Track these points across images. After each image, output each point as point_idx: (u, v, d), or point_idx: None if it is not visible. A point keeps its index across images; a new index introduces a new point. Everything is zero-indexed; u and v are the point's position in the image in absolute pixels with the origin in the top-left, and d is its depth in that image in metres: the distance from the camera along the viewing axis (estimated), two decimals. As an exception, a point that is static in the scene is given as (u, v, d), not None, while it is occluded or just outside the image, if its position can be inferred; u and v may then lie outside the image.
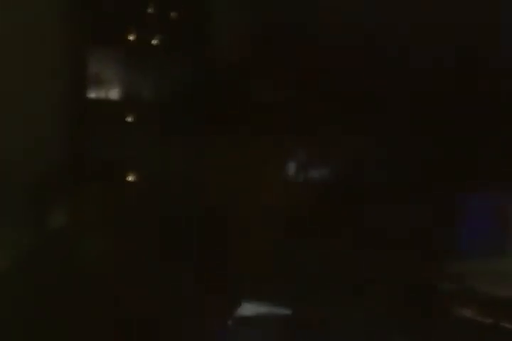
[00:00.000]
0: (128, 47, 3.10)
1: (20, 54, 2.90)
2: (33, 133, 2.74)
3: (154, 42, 3.14)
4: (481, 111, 2.51)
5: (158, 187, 1.12)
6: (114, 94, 3.00)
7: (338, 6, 2.48)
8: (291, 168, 1.22)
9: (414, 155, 2.53)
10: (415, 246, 2.31)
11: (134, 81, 2.99)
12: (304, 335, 1.83)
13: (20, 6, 2.94)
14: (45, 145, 2.73)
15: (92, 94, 2.99)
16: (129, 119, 2.86)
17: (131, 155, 1.42)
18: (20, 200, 2.24)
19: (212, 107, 1.12)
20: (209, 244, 1.14)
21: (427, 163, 2.53)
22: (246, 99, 1.13)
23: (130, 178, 1.15)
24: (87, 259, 1.03)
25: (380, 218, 2.43)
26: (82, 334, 0.98)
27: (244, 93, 1.13)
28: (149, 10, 3.15)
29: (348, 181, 2.42)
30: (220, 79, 1.12)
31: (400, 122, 2.54)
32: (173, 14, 3.08)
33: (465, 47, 2.56)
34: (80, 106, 2.91)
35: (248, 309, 1.84)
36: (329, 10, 2.45)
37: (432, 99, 2.55)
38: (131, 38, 3.07)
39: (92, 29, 3.07)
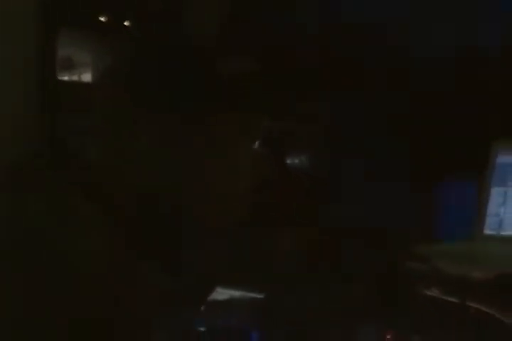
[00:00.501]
0: (100, 28, 3.08)
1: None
2: (4, 120, 2.72)
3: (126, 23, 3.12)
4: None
5: (131, 169, 1.11)
6: (87, 77, 2.98)
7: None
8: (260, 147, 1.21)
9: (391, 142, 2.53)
10: (385, 230, 2.32)
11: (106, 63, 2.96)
12: (278, 320, 1.85)
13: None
14: (18, 132, 2.71)
15: (65, 78, 2.97)
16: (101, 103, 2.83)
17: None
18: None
19: (183, 86, 1.10)
20: (177, 230, 1.14)
21: (402, 150, 2.53)
22: (213, 75, 1.12)
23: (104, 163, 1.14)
24: (64, 248, 1.03)
25: (351, 202, 2.44)
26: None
27: (212, 69, 1.12)
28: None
29: (322, 164, 2.42)
30: (191, 57, 1.11)
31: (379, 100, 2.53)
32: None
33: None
34: (53, 90, 2.89)
35: (222, 294, 1.85)
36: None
37: (405, 85, 2.55)
38: (102, 19, 3.05)
39: (63, 10, 3.04)
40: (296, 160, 2.39)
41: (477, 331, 1.86)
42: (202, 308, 1.82)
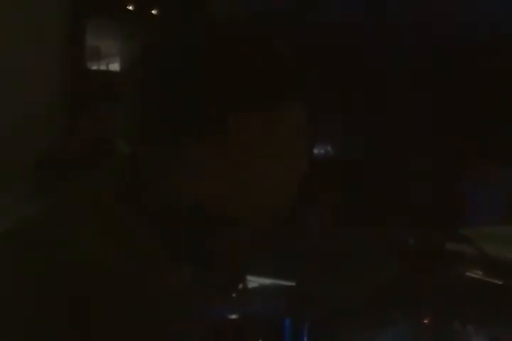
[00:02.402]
0: (128, 17, 3.06)
1: (20, 29, 2.87)
2: (33, 110, 2.72)
3: (154, 11, 3.09)
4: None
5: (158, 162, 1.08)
6: (114, 67, 2.97)
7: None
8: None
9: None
10: (427, 212, 2.30)
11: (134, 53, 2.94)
12: (306, 308, 1.82)
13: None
14: (46, 123, 2.71)
15: (93, 68, 2.96)
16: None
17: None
18: (20, 177, 2.22)
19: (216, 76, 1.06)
20: (206, 223, 1.11)
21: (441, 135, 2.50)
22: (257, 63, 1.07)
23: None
24: (79, 239, 1.01)
25: (387, 187, 2.41)
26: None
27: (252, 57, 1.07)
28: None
29: (347, 154, 2.40)
30: (221, 46, 1.07)
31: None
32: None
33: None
34: (81, 82, 2.88)
35: (252, 282, 1.83)
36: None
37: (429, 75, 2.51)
38: (130, 7, 3.03)
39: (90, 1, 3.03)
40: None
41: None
42: (234, 296, 1.80)
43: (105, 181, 1.06)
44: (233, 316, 1.84)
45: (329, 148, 2.35)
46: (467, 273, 1.99)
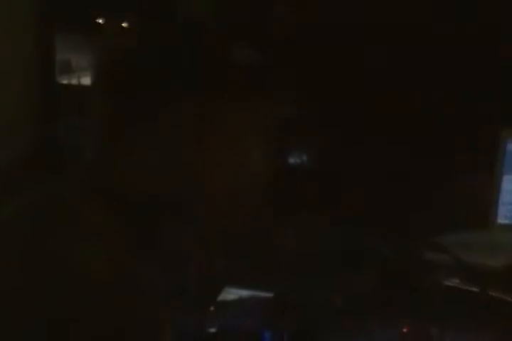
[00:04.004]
0: (97, 31, 3.04)
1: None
2: (2, 120, 2.70)
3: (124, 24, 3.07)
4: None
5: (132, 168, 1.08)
6: (85, 80, 2.95)
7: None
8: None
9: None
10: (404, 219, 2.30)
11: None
12: (287, 318, 1.81)
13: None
14: (15, 134, 2.69)
15: (63, 81, 2.94)
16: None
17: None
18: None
19: (189, 81, 1.07)
20: (186, 230, 1.10)
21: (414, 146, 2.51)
22: (223, 64, 1.08)
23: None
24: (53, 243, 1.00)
25: (365, 193, 2.41)
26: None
27: (221, 59, 1.08)
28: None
29: (322, 161, 2.40)
30: (193, 56, 1.08)
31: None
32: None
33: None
34: (51, 93, 2.86)
35: (230, 294, 1.82)
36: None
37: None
38: (100, 21, 3.01)
39: (60, 14, 3.01)
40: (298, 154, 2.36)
41: (497, 320, 1.83)
42: (212, 309, 1.78)
43: (71, 181, 1.06)
44: (211, 329, 1.83)
45: (303, 156, 2.35)
46: (444, 282, 2.00)
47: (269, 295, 1.89)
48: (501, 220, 2.35)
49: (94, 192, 1.06)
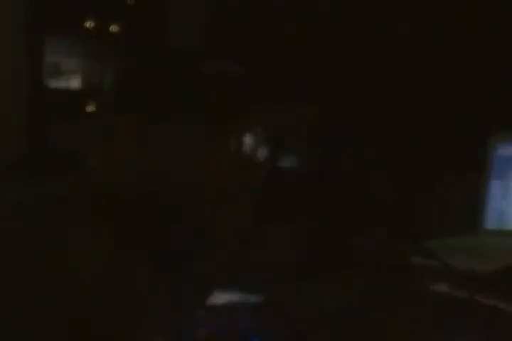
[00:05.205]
0: (86, 35, 3.05)
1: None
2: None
3: (112, 29, 3.08)
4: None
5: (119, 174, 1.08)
6: (74, 83, 2.95)
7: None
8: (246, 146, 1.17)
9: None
10: (390, 224, 2.31)
11: (94, 70, 2.94)
12: (276, 323, 1.81)
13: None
14: (4, 137, 2.68)
15: (52, 84, 2.93)
16: (89, 109, 2.82)
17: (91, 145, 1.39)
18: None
19: (171, 94, 1.08)
20: (176, 231, 1.10)
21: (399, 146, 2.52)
22: (199, 80, 1.10)
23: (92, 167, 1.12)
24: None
25: (352, 197, 2.42)
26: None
27: (199, 75, 1.10)
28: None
29: (314, 166, 2.40)
30: (177, 65, 1.09)
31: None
32: (129, 1, 3.03)
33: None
34: (39, 96, 2.86)
35: (220, 298, 1.82)
36: None
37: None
38: (88, 25, 3.01)
39: (49, 17, 3.01)
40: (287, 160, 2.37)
41: (485, 325, 1.83)
42: (201, 312, 1.78)
43: (71, 182, 1.07)
44: (200, 334, 1.82)
45: (295, 160, 2.36)
46: (432, 287, 2.00)
47: (259, 299, 1.90)
48: (489, 225, 2.36)
49: (89, 194, 1.07)
